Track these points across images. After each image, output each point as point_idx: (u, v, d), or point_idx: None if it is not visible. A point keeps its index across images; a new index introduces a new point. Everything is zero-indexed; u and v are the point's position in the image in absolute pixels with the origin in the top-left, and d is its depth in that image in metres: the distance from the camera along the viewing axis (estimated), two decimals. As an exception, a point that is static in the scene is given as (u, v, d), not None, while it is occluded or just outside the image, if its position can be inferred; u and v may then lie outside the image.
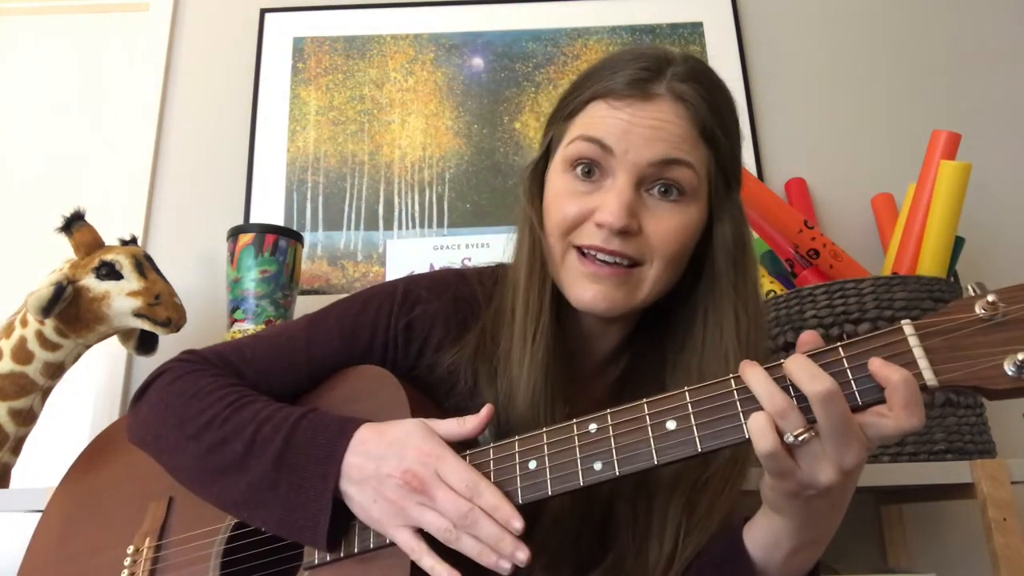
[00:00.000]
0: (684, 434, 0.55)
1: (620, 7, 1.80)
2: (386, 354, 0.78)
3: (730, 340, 0.70)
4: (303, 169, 1.70)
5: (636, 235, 0.69)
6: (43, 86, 1.87)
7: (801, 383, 0.50)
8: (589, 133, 0.70)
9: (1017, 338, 0.46)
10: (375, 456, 0.62)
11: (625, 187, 0.68)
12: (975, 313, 0.48)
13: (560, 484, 0.59)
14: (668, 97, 0.69)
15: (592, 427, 0.59)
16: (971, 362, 0.48)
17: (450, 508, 0.59)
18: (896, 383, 0.48)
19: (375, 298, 0.80)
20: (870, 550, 1.43)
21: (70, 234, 1.25)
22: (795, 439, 0.50)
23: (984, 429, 1.16)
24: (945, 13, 1.80)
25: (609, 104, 0.70)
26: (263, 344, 0.80)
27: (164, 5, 1.83)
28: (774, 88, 1.74)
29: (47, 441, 1.35)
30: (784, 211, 1.33)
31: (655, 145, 0.68)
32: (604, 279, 0.69)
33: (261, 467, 0.65)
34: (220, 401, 0.71)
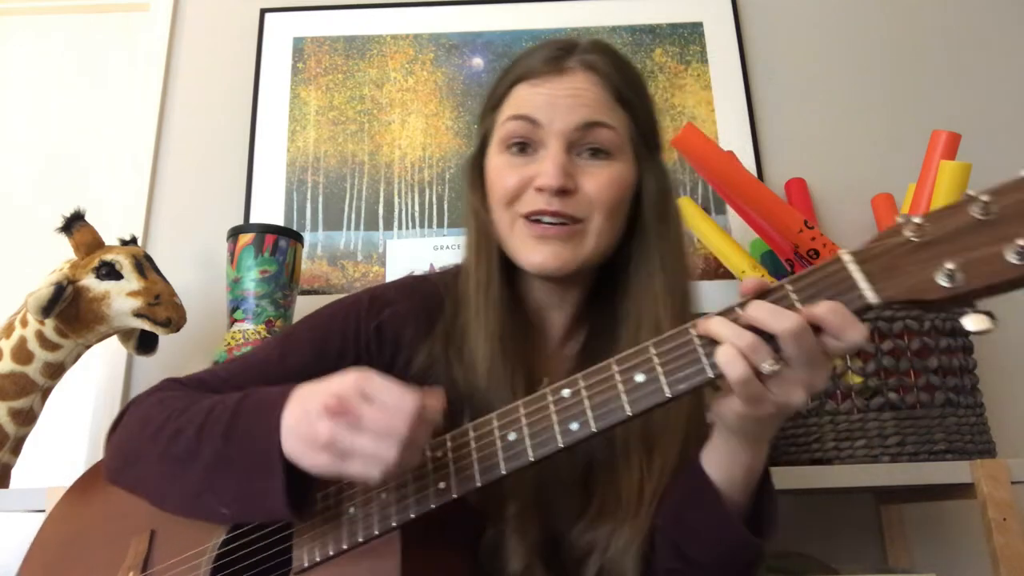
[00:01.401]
0: (653, 383, 0.59)
1: (620, 7, 1.80)
2: (359, 360, 0.78)
3: (658, 283, 0.77)
4: (303, 169, 1.70)
5: (574, 194, 0.75)
6: (43, 86, 1.87)
7: (767, 324, 0.54)
8: (517, 112, 0.77)
9: (944, 252, 0.51)
10: (305, 398, 0.62)
11: (558, 152, 0.75)
12: (904, 236, 0.53)
13: (541, 449, 0.61)
14: (580, 68, 0.77)
15: (566, 392, 0.62)
16: (906, 278, 0.52)
17: (382, 425, 0.57)
18: (823, 315, 0.53)
19: (343, 308, 0.82)
20: (870, 550, 1.43)
21: (70, 234, 1.26)
22: (769, 368, 0.54)
23: (984, 429, 1.16)
24: (945, 13, 1.80)
25: (530, 84, 0.78)
26: (238, 365, 0.81)
27: (164, 5, 1.83)
28: (774, 88, 1.74)
29: (47, 441, 1.35)
30: (784, 211, 1.33)
31: (576, 111, 0.75)
32: (551, 239, 0.75)
33: (212, 446, 0.65)
34: (180, 400, 0.72)
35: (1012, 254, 0.48)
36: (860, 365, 1.14)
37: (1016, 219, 0.49)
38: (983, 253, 0.50)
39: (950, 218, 0.52)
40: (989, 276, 0.49)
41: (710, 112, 1.71)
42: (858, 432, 1.13)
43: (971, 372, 1.18)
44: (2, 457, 1.22)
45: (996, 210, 0.50)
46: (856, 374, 1.14)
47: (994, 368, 1.46)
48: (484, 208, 0.81)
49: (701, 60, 1.75)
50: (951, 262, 0.50)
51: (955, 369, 1.15)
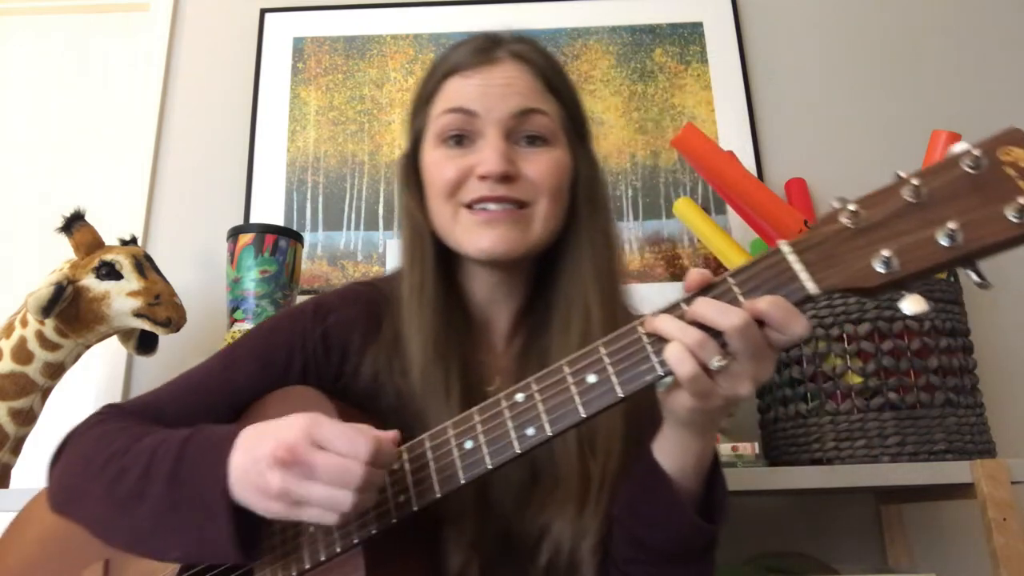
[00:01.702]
0: (605, 384, 0.58)
1: (620, 7, 1.80)
2: (307, 370, 0.77)
3: (587, 269, 0.77)
4: (303, 169, 1.70)
5: (516, 179, 0.75)
6: (43, 86, 1.87)
7: (713, 321, 0.54)
8: (451, 105, 0.77)
9: (879, 238, 0.52)
10: (252, 445, 0.60)
11: (497, 139, 0.75)
12: (841, 223, 0.53)
13: (498, 456, 0.61)
14: (510, 58, 0.79)
15: (519, 396, 0.62)
16: (845, 267, 0.53)
17: (334, 475, 0.56)
18: (764, 310, 0.53)
19: (287, 318, 0.81)
20: (870, 550, 1.43)
21: (70, 234, 1.26)
22: (717, 364, 0.54)
23: (984, 429, 1.16)
24: (945, 13, 1.80)
25: (461, 76, 0.78)
26: (179, 386, 0.79)
27: (164, 5, 1.83)
28: (774, 88, 1.74)
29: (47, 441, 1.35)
30: (784, 211, 1.33)
31: (511, 99, 0.76)
32: (497, 222, 0.74)
33: (157, 490, 0.63)
34: (121, 437, 0.69)
35: (943, 237, 0.49)
36: (860, 365, 1.14)
37: (945, 201, 0.50)
38: (916, 238, 0.51)
39: (883, 203, 0.53)
40: (923, 260, 0.50)
41: (710, 112, 1.71)
42: (858, 432, 1.13)
43: (971, 372, 1.18)
44: (2, 457, 1.22)
45: (926, 193, 0.51)
46: (856, 374, 1.14)
47: (994, 368, 1.46)
48: (419, 208, 0.80)
49: (701, 60, 1.75)
50: (886, 248, 0.51)
51: (955, 369, 1.15)
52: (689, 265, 1.60)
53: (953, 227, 0.49)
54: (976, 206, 0.50)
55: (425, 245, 0.79)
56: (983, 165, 0.50)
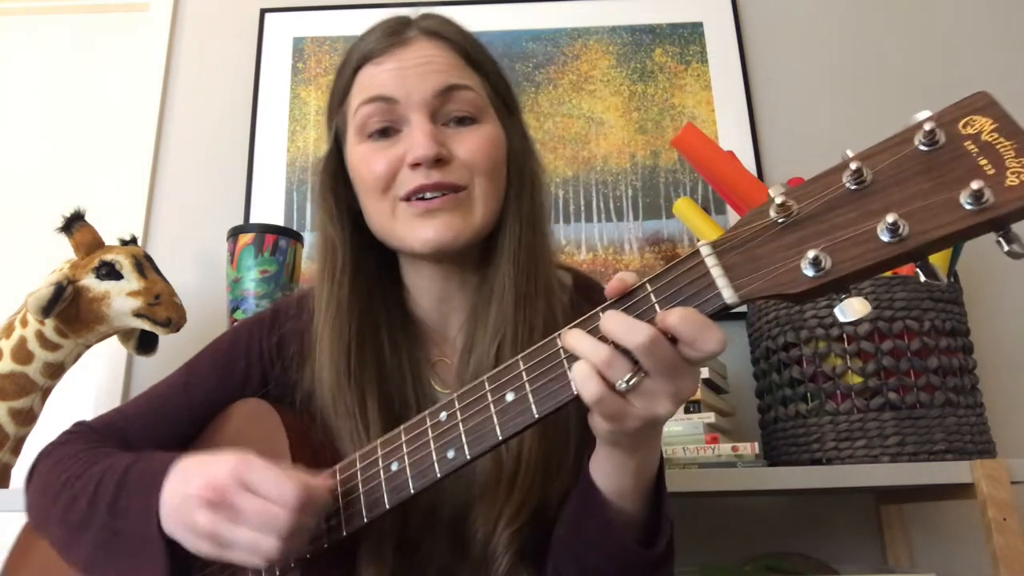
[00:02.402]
0: (522, 403, 0.55)
1: (620, 7, 1.80)
2: (265, 379, 0.77)
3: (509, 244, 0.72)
4: (303, 169, 1.70)
5: (450, 162, 0.70)
6: (43, 86, 1.87)
7: (620, 339, 0.49)
8: (368, 95, 0.72)
9: (811, 235, 0.45)
10: (185, 479, 0.59)
11: (423, 122, 0.70)
12: (770, 217, 0.46)
13: (420, 480, 0.58)
14: (423, 36, 0.74)
15: (442, 415, 0.59)
16: (769, 270, 0.46)
17: (260, 520, 0.55)
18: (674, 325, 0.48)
19: (245, 327, 0.80)
20: (870, 550, 1.43)
21: (70, 234, 1.25)
22: (627, 384, 0.49)
23: (984, 429, 1.16)
24: (945, 13, 1.80)
25: (374, 64, 0.73)
26: (143, 401, 0.79)
27: (164, 5, 1.83)
28: (774, 88, 1.74)
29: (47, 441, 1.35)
30: (784, 211, 1.33)
31: (430, 78, 0.71)
32: (437, 211, 0.69)
33: (100, 518, 0.63)
34: (78, 462, 0.70)
35: (884, 231, 0.42)
36: (860, 365, 1.14)
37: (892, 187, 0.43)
38: (853, 232, 0.43)
39: (820, 192, 0.45)
40: (859, 260, 0.43)
41: (710, 112, 1.71)
42: (858, 432, 1.13)
43: (971, 372, 1.18)
44: (2, 457, 1.22)
45: (870, 178, 0.43)
46: (856, 374, 1.14)
47: (994, 368, 1.46)
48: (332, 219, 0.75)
49: (701, 60, 1.75)
50: (816, 247, 0.44)
51: (955, 369, 1.15)
52: (689, 265, 1.60)
53: (894, 220, 0.41)
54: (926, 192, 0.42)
55: (337, 259, 0.74)
56: (940, 141, 0.43)
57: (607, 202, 1.65)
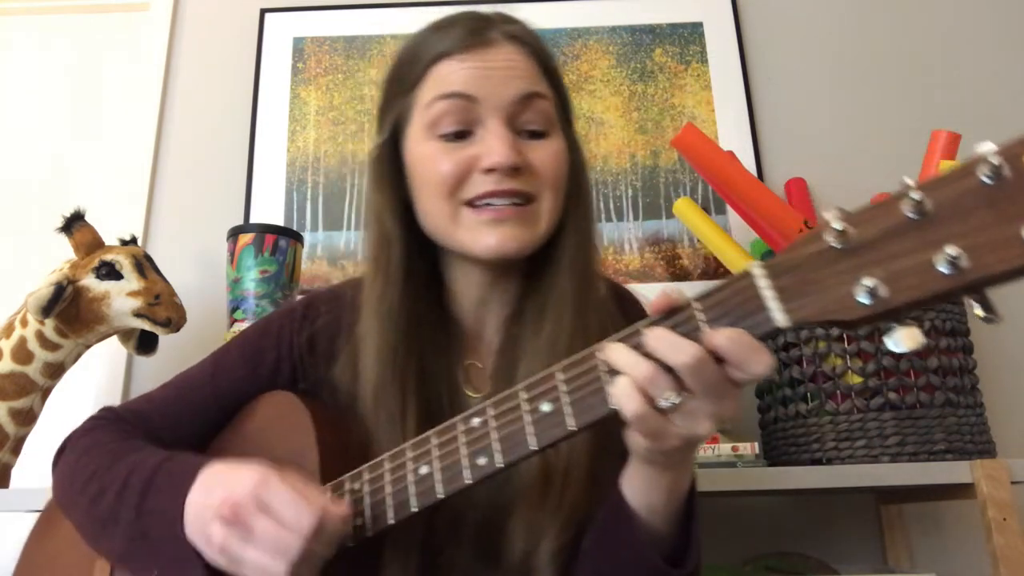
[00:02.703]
0: (558, 415, 0.54)
1: (620, 7, 1.80)
2: (295, 373, 0.76)
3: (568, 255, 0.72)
4: (303, 169, 1.70)
5: (524, 171, 0.69)
6: (43, 86, 1.87)
7: (666, 357, 0.49)
8: (445, 90, 0.70)
9: (867, 263, 0.44)
10: (207, 490, 0.59)
11: (501, 128, 0.69)
12: (825, 242, 0.46)
13: (450, 485, 0.58)
14: (506, 40, 0.72)
15: (475, 421, 0.58)
16: (822, 295, 0.45)
17: (270, 544, 0.54)
18: (722, 346, 0.47)
19: (275, 320, 0.79)
20: (870, 550, 1.43)
21: (70, 234, 1.26)
22: (669, 403, 0.49)
23: (984, 429, 1.16)
24: (945, 13, 1.80)
25: (455, 59, 0.71)
26: (171, 390, 0.79)
27: (164, 5, 1.83)
28: (774, 88, 1.74)
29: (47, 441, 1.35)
30: (784, 211, 1.33)
31: (513, 83, 0.70)
32: (506, 220, 0.69)
33: (128, 516, 0.63)
34: (106, 454, 0.69)
35: (943, 263, 0.41)
36: (860, 365, 1.14)
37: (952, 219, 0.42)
38: (911, 263, 0.43)
39: (878, 219, 0.44)
40: (915, 290, 0.42)
41: (710, 112, 1.71)
42: (858, 432, 1.13)
43: (971, 372, 1.18)
44: (2, 457, 1.22)
45: (931, 208, 0.43)
46: (856, 374, 1.14)
47: (994, 368, 1.46)
48: (391, 212, 0.74)
49: (701, 60, 1.75)
50: (872, 275, 0.43)
51: (955, 369, 1.15)
52: (689, 265, 1.60)
53: (954, 252, 0.41)
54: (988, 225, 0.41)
55: (392, 255, 0.73)
56: (1003, 175, 0.41)
57: (607, 202, 1.66)
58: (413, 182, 0.74)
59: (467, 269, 0.76)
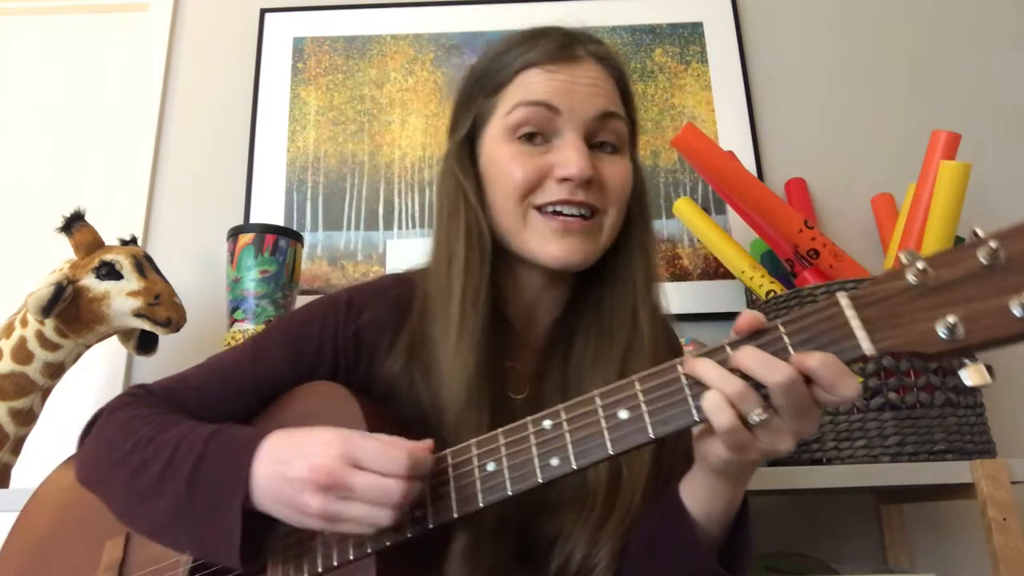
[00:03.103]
0: (636, 422, 0.56)
1: (620, 7, 1.80)
2: (337, 365, 0.76)
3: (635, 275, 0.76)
4: (303, 169, 1.70)
5: (595, 185, 0.72)
6: (43, 86, 1.87)
7: (758, 375, 0.52)
8: (531, 98, 0.73)
9: (946, 302, 0.49)
10: (281, 462, 0.60)
11: (578, 140, 0.72)
12: (907, 281, 0.50)
13: (519, 483, 0.59)
14: (592, 59, 0.76)
15: (547, 423, 0.60)
16: (906, 328, 0.50)
17: (374, 494, 0.56)
18: (815, 368, 0.50)
19: (319, 310, 0.78)
20: (870, 550, 1.43)
21: (70, 234, 1.26)
22: (758, 419, 0.52)
23: (984, 429, 1.16)
24: (945, 13, 1.80)
25: (543, 69, 0.74)
26: (208, 371, 0.79)
27: (164, 5, 1.83)
28: (774, 88, 1.74)
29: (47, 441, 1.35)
30: (784, 211, 1.33)
31: (595, 100, 0.73)
32: (573, 232, 0.72)
33: (175, 488, 0.64)
34: (147, 426, 0.69)
35: (1018, 307, 0.45)
36: (860, 365, 1.14)
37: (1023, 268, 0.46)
38: (987, 305, 0.47)
39: (956, 263, 0.49)
40: (992, 330, 0.47)
41: (710, 112, 1.71)
42: (858, 432, 1.13)
43: (971, 372, 1.18)
44: (2, 457, 1.22)
45: (1004, 257, 0.47)
46: (856, 374, 1.14)
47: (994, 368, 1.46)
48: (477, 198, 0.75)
49: (701, 60, 1.75)
50: (953, 314, 0.48)
51: (955, 369, 1.14)
52: (689, 265, 1.60)
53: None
54: None
55: (484, 246, 0.74)
56: None
57: (607, 202, 1.65)
58: (486, 180, 0.76)
59: (523, 271, 0.78)
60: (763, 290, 1.35)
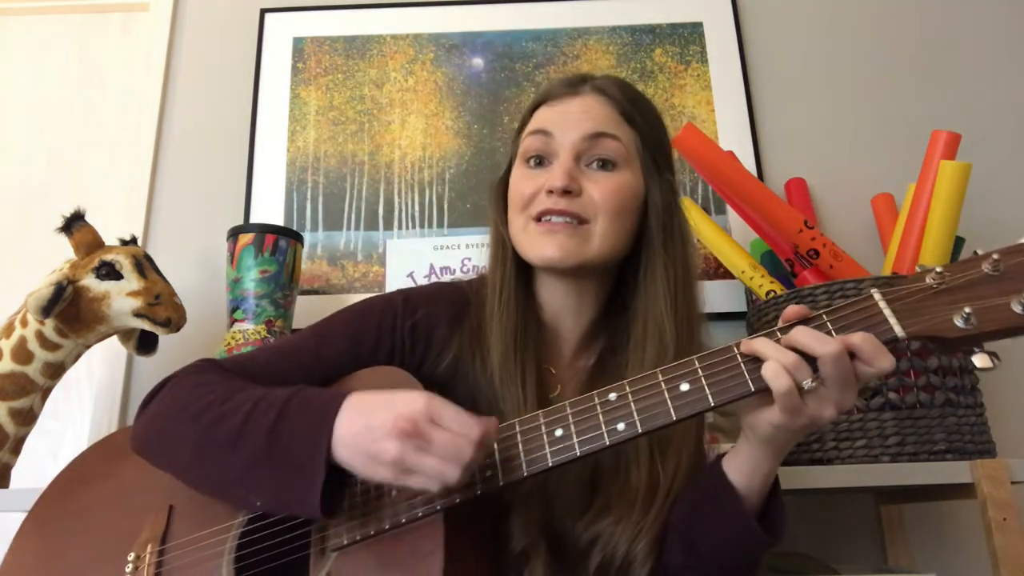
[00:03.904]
0: (697, 392, 0.64)
1: (620, 7, 1.80)
2: (392, 357, 0.83)
3: (662, 295, 0.82)
4: (303, 169, 1.70)
5: (579, 196, 0.81)
6: (43, 86, 1.87)
7: (811, 348, 0.61)
8: (534, 128, 0.86)
9: (961, 299, 0.60)
10: (365, 411, 0.65)
11: (566, 159, 0.82)
12: (927, 283, 0.62)
13: (587, 445, 0.65)
14: (591, 91, 0.86)
15: (612, 396, 0.67)
16: (928, 317, 0.61)
17: (450, 450, 0.61)
18: (858, 343, 0.60)
19: (377, 305, 0.86)
20: (870, 550, 1.43)
21: (70, 234, 1.25)
22: (810, 384, 0.60)
23: (984, 429, 1.16)
24: (945, 13, 1.80)
25: (547, 105, 0.87)
26: (273, 352, 0.85)
27: (164, 5, 1.83)
28: (774, 88, 1.74)
29: (47, 441, 1.35)
30: (784, 211, 1.33)
31: (584, 123, 0.83)
32: (557, 232, 0.81)
33: (255, 442, 0.67)
34: (221, 387, 0.74)
35: (1018, 305, 0.58)
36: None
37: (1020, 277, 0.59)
38: (993, 302, 0.59)
39: (965, 271, 0.61)
40: (998, 322, 0.59)
41: (710, 112, 1.71)
42: (858, 432, 1.13)
43: (971, 372, 1.18)
44: (2, 457, 1.22)
45: (1003, 267, 0.60)
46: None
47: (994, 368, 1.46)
48: (503, 223, 0.88)
49: (701, 60, 1.75)
50: (968, 306, 0.59)
51: (955, 369, 1.15)
52: (689, 265, 1.60)
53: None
54: None
55: (505, 252, 0.86)
56: None
57: (607, 202, 1.65)
58: (508, 199, 0.88)
59: (546, 278, 0.87)
60: (763, 290, 1.35)
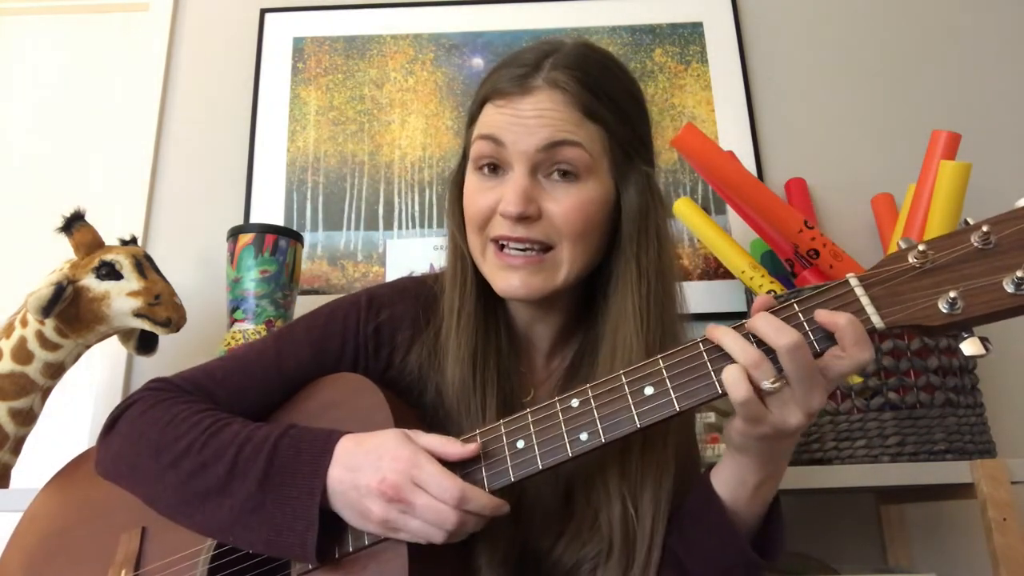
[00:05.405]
0: (662, 397, 0.60)
1: (620, 7, 1.80)
2: (357, 361, 0.80)
3: (632, 301, 0.74)
4: (303, 169, 1.70)
5: (538, 219, 0.73)
6: (43, 86, 1.87)
7: (768, 338, 0.56)
8: (483, 132, 0.75)
9: (946, 280, 0.54)
10: (353, 468, 0.64)
11: (520, 176, 0.72)
12: (908, 262, 0.55)
13: (549, 458, 0.62)
14: (545, 88, 0.73)
15: (574, 402, 0.63)
16: (909, 304, 0.55)
17: (431, 516, 0.61)
18: (843, 325, 0.55)
19: (340, 308, 0.82)
20: (870, 550, 1.43)
21: (70, 234, 1.25)
22: (770, 386, 0.56)
23: (984, 429, 1.16)
24: (945, 13, 1.80)
25: (495, 104, 0.75)
26: (232, 364, 0.81)
27: (164, 5, 1.83)
28: (774, 88, 1.74)
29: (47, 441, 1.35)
30: (784, 211, 1.33)
31: (539, 132, 0.72)
32: (520, 267, 0.73)
33: (245, 489, 0.66)
34: (196, 427, 0.71)
35: (1010, 284, 0.51)
36: (860, 365, 1.14)
37: (1014, 250, 0.52)
38: (983, 282, 0.52)
39: (952, 246, 0.54)
40: (988, 305, 0.52)
41: (710, 112, 1.71)
42: (858, 432, 1.13)
43: (971, 372, 1.18)
44: (2, 457, 1.22)
45: (995, 240, 0.53)
46: (856, 374, 1.14)
47: (994, 368, 1.46)
48: (460, 231, 0.80)
49: (701, 60, 1.75)
50: (952, 290, 0.53)
51: (955, 369, 1.15)
52: (689, 265, 1.61)
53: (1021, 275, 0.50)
54: None
55: (465, 267, 0.79)
56: None
57: (607, 202, 1.65)
58: (464, 208, 0.79)
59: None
60: (763, 290, 1.35)
